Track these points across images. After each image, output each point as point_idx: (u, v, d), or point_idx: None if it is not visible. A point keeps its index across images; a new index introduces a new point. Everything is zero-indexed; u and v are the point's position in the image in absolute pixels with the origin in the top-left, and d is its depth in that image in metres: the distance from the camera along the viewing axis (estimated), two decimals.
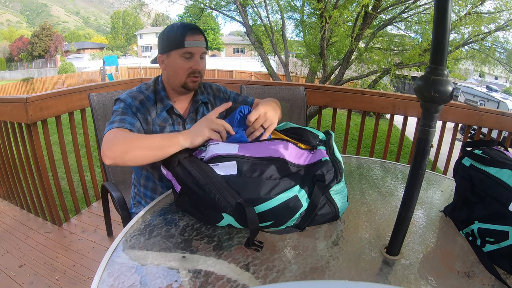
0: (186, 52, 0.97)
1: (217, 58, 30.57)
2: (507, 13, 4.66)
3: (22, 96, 1.71)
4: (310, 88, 2.29)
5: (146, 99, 1.00)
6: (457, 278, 0.61)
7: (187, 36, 0.96)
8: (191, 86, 1.02)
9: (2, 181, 2.28)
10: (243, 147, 0.74)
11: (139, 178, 1.12)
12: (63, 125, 1.99)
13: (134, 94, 1.00)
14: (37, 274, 1.59)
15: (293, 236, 0.72)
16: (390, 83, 7.30)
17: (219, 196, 0.66)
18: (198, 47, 0.98)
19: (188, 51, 0.97)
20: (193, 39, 0.97)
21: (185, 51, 0.97)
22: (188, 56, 0.98)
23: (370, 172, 1.14)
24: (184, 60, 0.98)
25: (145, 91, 1.02)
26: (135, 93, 1.00)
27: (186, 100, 1.08)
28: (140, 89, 1.02)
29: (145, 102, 1.00)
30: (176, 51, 0.97)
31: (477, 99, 9.06)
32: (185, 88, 1.02)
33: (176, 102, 1.06)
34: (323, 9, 4.66)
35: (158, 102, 1.02)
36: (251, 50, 7.49)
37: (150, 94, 1.02)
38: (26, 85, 19.27)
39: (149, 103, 1.00)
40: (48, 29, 40.82)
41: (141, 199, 1.14)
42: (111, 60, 17.34)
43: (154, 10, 11.37)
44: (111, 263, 0.62)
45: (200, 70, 1.01)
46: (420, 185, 0.61)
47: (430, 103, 0.56)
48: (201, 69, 1.01)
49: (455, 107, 2.06)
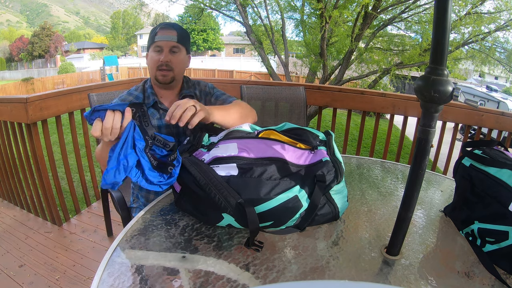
0: (156, 45, 1.03)
1: (217, 58, 30.60)
2: (507, 13, 4.65)
3: (22, 96, 1.71)
4: (310, 88, 2.29)
5: (134, 99, 1.08)
6: (457, 278, 0.61)
7: (158, 31, 1.02)
8: (160, 80, 1.05)
9: (2, 181, 2.28)
10: (243, 148, 0.74)
11: None
12: (63, 125, 1.99)
13: (124, 97, 1.08)
14: (37, 274, 1.59)
15: (293, 236, 0.72)
16: (390, 83, 7.29)
17: (220, 196, 0.66)
18: (166, 41, 1.02)
19: (158, 45, 1.03)
20: (163, 33, 1.02)
21: (155, 45, 1.03)
22: (158, 49, 1.03)
23: (370, 172, 1.14)
24: (155, 53, 1.04)
25: (134, 92, 1.10)
26: (125, 95, 1.09)
27: (172, 94, 1.13)
28: (129, 91, 1.10)
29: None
30: (151, 46, 1.04)
31: (477, 99, 9.06)
32: (157, 81, 1.07)
33: (163, 98, 1.11)
34: (323, 9, 4.65)
35: (146, 99, 1.09)
36: (251, 50, 7.49)
37: (139, 94, 1.09)
38: (26, 85, 19.27)
39: None
40: (48, 29, 40.82)
41: (138, 193, 1.18)
42: (111, 60, 17.34)
43: (154, 10, 11.37)
44: (111, 263, 0.62)
45: (167, 63, 1.03)
46: (420, 185, 0.61)
47: (430, 103, 0.56)
48: (168, 61, 1.03)
49: (455, 107, 2.06)
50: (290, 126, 0.86)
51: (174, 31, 1.03)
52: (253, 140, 0.78)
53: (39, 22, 59.16)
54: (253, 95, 1.89)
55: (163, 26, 1.03)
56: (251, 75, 16.67)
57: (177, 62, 1.05)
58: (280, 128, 0.87)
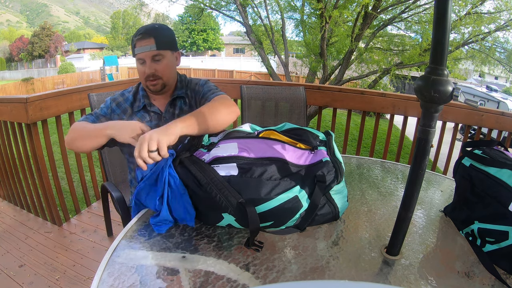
0: (138, 58, 1.02)
1: (217, 58, 30.59)
2: (507, 13, 4.65)
3: (22, 96, 1.71)
4: (310, 88, 2.29)
5: (124, 100, 1.09)
6: (457, 278, 0.61)
7: (136, 42, 1.00)
8: (152, 89, 1.05)
9: (2, 181, 2.28)
10: (243, 148, 0.74)
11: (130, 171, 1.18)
12: (63, 125, 1.99)
13: (115, 96, 1.10)
14: (37, 274, 1.59)
15: (293, 236, 0.72)
16: (390, 83, 7.29)
17: (220, 196, 0.66)
18: (146, 52, 0.99)
19: (139, 57, 1.01)
20: (140, 45, 0.99)
21: (137, 57, 1.02)
22: (141, 61, 1.02)
23: (370, 172, 1.14)
24: (140, 65, 1.03)
25: (127, 93, 1.11)
26: (117, 95, 1.10)
27: (164, 96, 1.12)
28: (122, 92, 1.12)
29: (121, 103, 1.08)
30: (135, 58, 1.03)
31: (477, 99, 9.06)
32: (150, 91, 1.07)
33: (156, 100, 1.11)
34: (323, 9, 4.65)
35: (136, 101, 1.09)
36: (251, 50, 7.49)
37: (130, 96, 1.10)
38: (26, 85, 19.26)
39: (125, 105, 1.08)
40: (48, 29, 40.80)
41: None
42: (111, 60, 17.34)
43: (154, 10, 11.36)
44: (111, 263, 0.62)
45: (153, 73, 1.01)
46: (420, 185, 0.61)
47: (430, 103, 0.56)
48: (154, 71, 1.01)
49: (455, 107, 2.06)
50: (290, 126, 0.86)
51: (151, 38, 0.98)
52: (253, 140, 0.78)
53: (39, 22, 59.16)
54: (253, 95, 1.89)
55: (140, 37, 0.98)
56: (251, 75, 16.67)
57: (163, 69, 1.03)
58: (280, 128, 0.87)
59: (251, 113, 1.90)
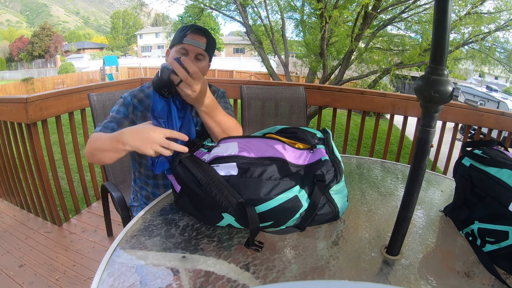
0: (182, 48, 0.99)
1: (217, 58, 30.56)
2: (507, 13, 4.65)
3: (22, 96, 1.71)
4: (310, 88, 2.29)
5: (145, 96, 1.05)
6: (457, 278, 0.61)
7: (188, 33, 0.98)
8: None
9: (2, 181, 2.28)
10: (243, 147, 0.74)
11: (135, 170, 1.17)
12: (63, 125, 1.99)
13: (135, 92, 1.05)
14: (37, 274, 1.59)
15: (293, 236, 0.72)
16: (390, 83, 7.29)
17: (220, 196, 0.66)
18: (194, 46, 0.99)
19: (184, 47, 0.99)
20: (192, 37, 0.98)
21: (182, 47, 0.99)
22: (183, 52, 0.99)
23: (370, 172, 1.14)
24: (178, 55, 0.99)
25: (147, 89, 1.06)
26: (136, 91, 1.06)
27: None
28: (142, 88, 1.07)
29: (143, 100, 1.04)
30: (175, 46, 1.00)
31: (477, 99, 9.04)
32: None
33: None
34: (323, 9, 4.65)
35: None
36: (251, 50, 7.49)
37: (150, 92, 1.05)
38: (26, 85, 19.27)
39: (148, 101, 1.04)
40: (48, 29, 40.82)
41: (138, 193, 1.19)
42: (111, 60, 17.33)
43: (154, 10, 11.37)
44: (111, 263, 0.62)
45: None
46: (420, 185, 0.61)
47: (430, 103, 0.56)
48: None
49: (455, 107, 2.06)
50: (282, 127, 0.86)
51: (205, 38, 1.00)
52: (253, 139, 0.78)
53: (39, 22, 59.15)
54: (253, 95, 1.89)
55: (195, 30, 0.99)
56: (251, 75, 16.67)
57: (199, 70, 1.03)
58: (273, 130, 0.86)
59: (251, 113, 1.90)
